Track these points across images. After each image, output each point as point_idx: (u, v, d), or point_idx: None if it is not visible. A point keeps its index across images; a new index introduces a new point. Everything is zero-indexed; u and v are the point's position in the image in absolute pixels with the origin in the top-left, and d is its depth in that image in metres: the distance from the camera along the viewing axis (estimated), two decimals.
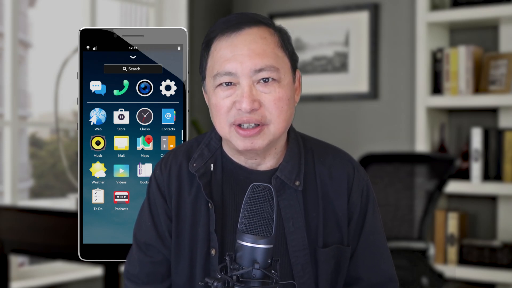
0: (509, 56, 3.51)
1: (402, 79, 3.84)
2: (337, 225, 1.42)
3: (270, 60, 1.35)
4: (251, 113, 1.34)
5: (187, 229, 1.41)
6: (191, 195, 1.41)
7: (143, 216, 1.46)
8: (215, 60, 1.37)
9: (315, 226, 1.40)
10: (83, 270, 3.66)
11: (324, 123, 4.05)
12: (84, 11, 3.80)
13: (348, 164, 1.46)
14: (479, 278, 3.43)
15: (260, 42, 1.35)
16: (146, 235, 1.44)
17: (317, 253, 1.40)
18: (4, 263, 3.12)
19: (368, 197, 1.46)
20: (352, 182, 1.44)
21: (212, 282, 1.20)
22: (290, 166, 1.40)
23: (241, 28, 1.36)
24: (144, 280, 1.44)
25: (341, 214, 1.42)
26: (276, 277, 1.21)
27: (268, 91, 1.35)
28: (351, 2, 3.99)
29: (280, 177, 1.39)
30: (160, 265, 1.44)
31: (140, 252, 1.45)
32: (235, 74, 1.34)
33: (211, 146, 1.44)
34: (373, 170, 3.06)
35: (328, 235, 1.41)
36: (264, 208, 1.21)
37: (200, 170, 1.41)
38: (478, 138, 3.49)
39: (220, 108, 1.36)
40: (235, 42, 1.35)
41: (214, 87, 1.37)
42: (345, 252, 1.43)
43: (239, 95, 1.34)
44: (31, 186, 4.12)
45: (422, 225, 2.95)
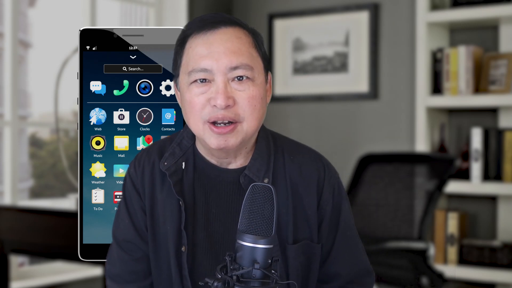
0: (509, 56, 3.51)
1: (402, 79, 3.84)
2: (306, 222, 1.44)
3: (245, 58, 1.37)
4: (226, 110, 1.35)
5: (161, 226, 1.43)
6: (163, 193, 1.43)
7: (120, 215, 1.47)
8: (190, 57, 1.38)
9: (285, 223, 1.42)
10: (83, 270, 3.66)
11: (324, 123, 4.05)
12: (84, 11, 3.80)
13: (318, 162, 1.47)
14: (479, 278, 3.43)
15: (235, 41, 1.37)
16: (125, 233, 1.46)
17: (287, 250, 1.41)
18: (4, 263, 3.12)
19: (340, 194, 1.48)
20: (323, 180, 1.45)
21: (212, 282, 1.20)
22: (259, 164, 1.42)
23: (217, 27, 1.38)
24: (127, 279, 1.46)
25: (310, 212, 1.44)
26: (276, 277, 1.21)
27: (242, 89, 1.36)
28: (351, 2, 3.98)
29: (248, 174, 1.41)
30: (141, 262, 1.45)
31: (120, 250, 1.46)
32: (210, 71, 1.36)
33: (183, 144, 1.46)
34: (373, 170, 3.06)
35: (297, 231, 1.43)
36: (264, 208, 1.21)
37: (171, 169, 1.43)
38: (478, 138, 3.49)
39: (194, 104, 1.37)
40: (210, 39, 1.37)
41: (189, 83, 1.38)
42: (315, 249, 1.44)
43: (214, 92, 1.35)
44: (31, 186, 4.12)
45: (422, 225, 2.95)
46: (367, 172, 3.04)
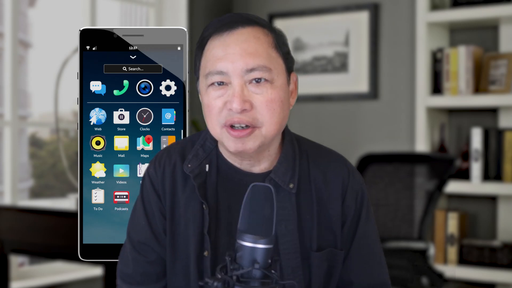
0: (509, 56, 3.51)
1: (402, 79, 3.84)
2: (330, 228, 1.40)
3: (263, 60, 1.32)
4: (242, 113, 1.32)
5: (182, 229, 1.39)
6: (184, 195, 1.40)
7: (137, 215, 1.44)
8: (207, 59, 1.36)
9: (309, 230, 1.39)
10: (83, 270, 3.66)
11: (324, 123, 4.05)
12: (84, 11, 3.80)
13: (343, 168, 1.44)
14: (479, 278, 3.43)
15: (252, 42, 1.33)
16: (141, 234, 1.42)
17: (311, 257, 1.38)
18: (4, 263, 3.12)
19: (362, 201, 1.44)
20: (346, 186, 1.42)
21: (212, 282, 1.20)
22: (284, 168, 1.39)
23: (234, 27, 1.34)
24: (138, 280, 1.42)
25: (335, 218, 1.40)
26: (276, 277, 1.21)
27: (260, 92, 1.32)
28: (351, 2, 3.99)
29: (274, 179, 1.38)
30: (155, 265, 1.42)
31: (134, 251, 1.43)
32: (226, 74, 1.32)
33: (206, 146, 1.43)
34: (373, 170, 3.06)
35: (321, 238, 1.39)
36: (264, 208, 1.21)
37: (195, 171, 1.39)
38: (478, 138, 3.49)
39: (211, 108, 1.35)
40: (227, 41, 1.33)
41: (207, 86, 1.35)
42: (338, 256, 1.41)
43: (230, 95, 1.32)
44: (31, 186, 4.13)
45: (422, 225, 2.95)
46: (367, 172, 3.04)
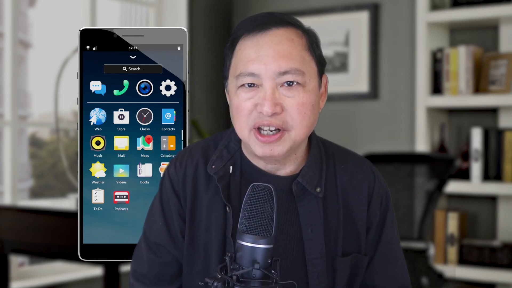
0: (509, 56, 3.51)
1: (402, 79, 3.84)
2: (356, 233, 1.39)
3: (296, 63, 1.30)
4: (272, 117, 1.29)
5: (202, 232, 1.37)
6: (207, 197, 1.37)
7: (154, 215, 1.41)
8: (238, 59, 1.33)
9: (335, 234, 1.37)
10: (83, 270, 3.66)
11: (324, 123, 4.05)
12: (84, 11, 3.81)
13: (369, 171, 1.44)
14: (479, 278, 3.43)
15: (286, 44, 1.31)
16: (158, 236, 1.39)
17: (336, 262, 1.37)
18: (4, 263, 3.12)
19: (387, 206, 1.43)
20: (372, 190, 1.41)
21: (212, 282, 1.20)
22: (312, 172, 1.37)
23: (268, 28, 1.32)
24: (153, 281, 1.40)
25: (360, 223, 1.39)
26: (276, 277, 1.21)
27: (291, 95, 1.30)
28: (351, 2, 3.99)
29: (301, 182, 1.36)
30: (170, 266, 1.40)
31: (150, 252, 1.40)
32: (258, 76, 1.30)
33: (230, 147, 1.40)
34: None
35: (347, 243, 1.38)
36: (264, 208, 1.21)
37: (219, 173, 1.36)
38: (478, 138, 3.49)
39: (241, 110, 1.32)
40: (260, 42, 1.31)
41: (237, 87, 1.33)
42: (362, 261, 1.40)
43: (261, 98, 1.30)
44: (31, 186, 4.12)
45: (422, 225, 2.95)
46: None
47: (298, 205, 1.36)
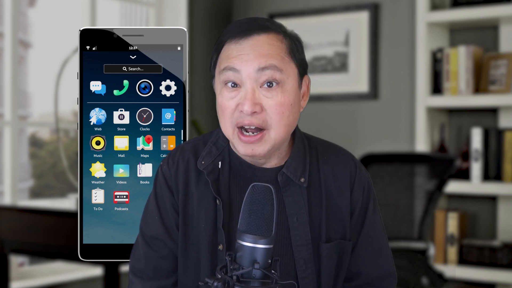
0: (509, 56, 3.51)
1: (402, 79, 3.84)
2: (339, 220, 1.45)
3: (275, 61, 1.38)
4: (253, 116, 1.37)
5: (194, 224, 1.43)
6: (198, 191, 1.44)
7: (149, 211, 1.47)
8: (221, 58, 1.41)
9: (318, 222, 1.44)
10: (83, 270, 3.66)
11: (324, 123, 4.05)
12: (84, 11, 3.81)
13: (351, 162, 1.50)
14: (479, 278, 3.43)
15: (266, 47, 1.39)
16: (153, 229, 1.45)
17: (320, 248, 1.43)
18: (4, 263, 3.12)
19: (369, 194, 1.50)
20: (354, 179, 1.48)
21: (212, 282, 1.20)
22: (296, 164, 1.44)
23: (250, 34, 1.40)
24: (150, 275, 1.45)
25: (344, 210, 1.46)
26: (276, 277, 1.21)
27: (270, 96, 1.38)
28: (351, 2, 3.99)
29: (286, 173, 1.43)
30: (166, 260, 1.45)
31: (146, 246, 1.46)
32: (239, 71, 1.37)
33: (219, 144, 1.48)
34: (373, 170, 3.06)
35: (331, 230, 1.45)
36: (264, 208, 1.21)
37: (209, 167, 1.44)
38: (478, 138, 3.49)
39: (224, 108, 1.40)
40: (243, 45, 1.39)
41: (221, 85, 1.41)
42: (347, 247, 1.46)
43: (242, 97, 1.38)
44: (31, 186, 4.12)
45: (422, 225, 2.95)
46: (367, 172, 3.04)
47: (284, 195, 1.43)
